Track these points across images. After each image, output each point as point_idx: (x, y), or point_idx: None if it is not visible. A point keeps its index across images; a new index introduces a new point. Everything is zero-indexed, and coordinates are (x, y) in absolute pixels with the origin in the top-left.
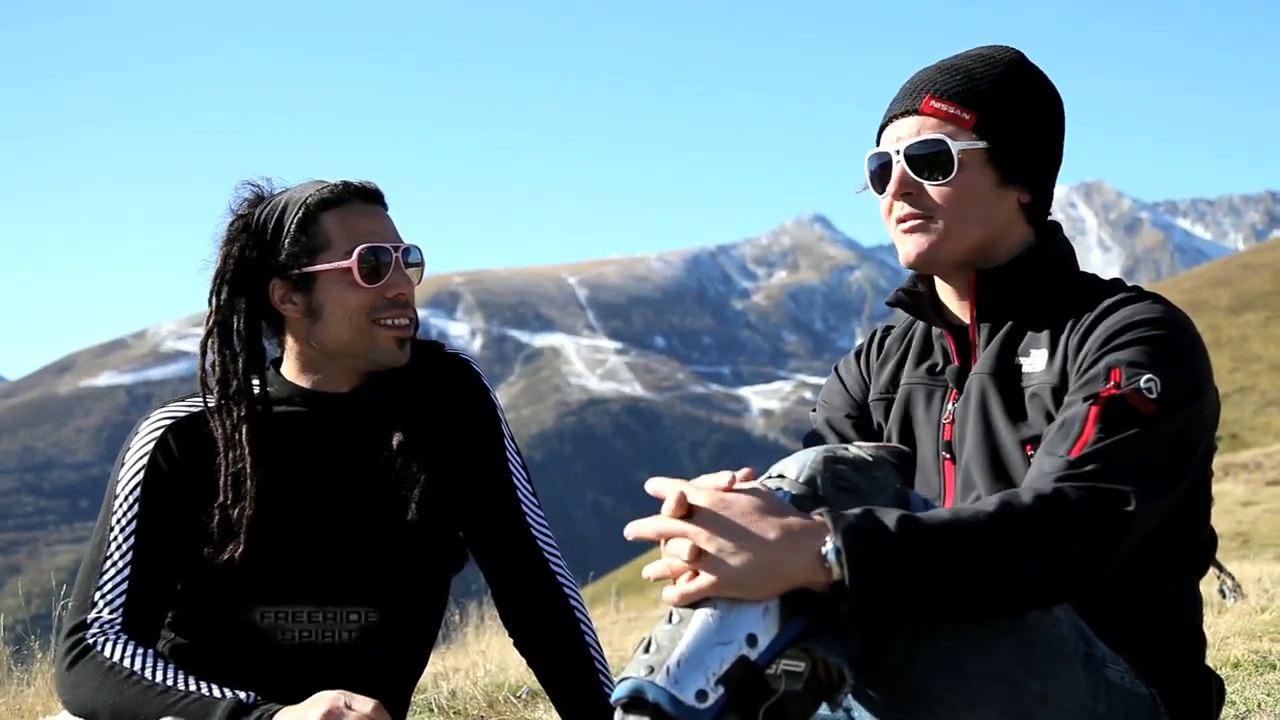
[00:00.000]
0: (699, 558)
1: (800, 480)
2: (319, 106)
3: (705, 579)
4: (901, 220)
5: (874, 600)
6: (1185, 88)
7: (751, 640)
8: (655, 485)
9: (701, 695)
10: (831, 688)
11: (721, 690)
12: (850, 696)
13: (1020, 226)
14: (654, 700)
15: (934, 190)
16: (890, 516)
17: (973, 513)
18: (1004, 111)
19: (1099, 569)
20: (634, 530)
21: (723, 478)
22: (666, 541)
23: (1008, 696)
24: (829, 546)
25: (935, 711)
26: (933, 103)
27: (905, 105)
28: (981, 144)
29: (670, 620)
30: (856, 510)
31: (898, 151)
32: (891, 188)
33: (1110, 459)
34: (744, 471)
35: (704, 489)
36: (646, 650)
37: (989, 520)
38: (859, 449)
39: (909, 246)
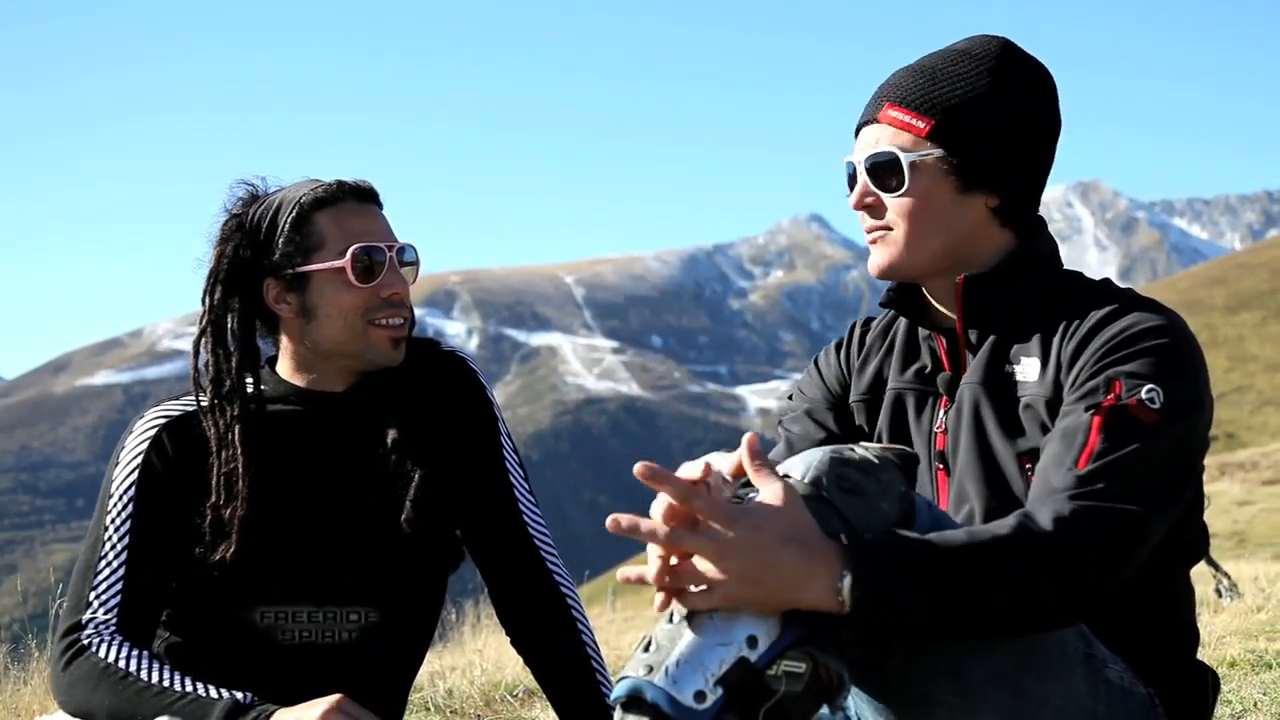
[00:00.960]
0: (702, 574)
1: (806, 481)
2: (316, 105)
3: (709, 596)
4: (868, 231)
5: (886, 628)
6: (1182, 87)
7: (752, 642)
8: (645, 471)
9: (700, 696)
10: (832, 689)
11: (720, 691)
12: (851, 698)
13: (992, 230)
14: (652, 700)
15: (891, 202)
16: (909, 541)
17: (990, 537)
18: (964, 116)
19: (1114, 587)
20: (619, 523)
21: (696, 468)
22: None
23: (1009, 699)
24: (846, 581)
25: (936, 714)
26: (889, 111)
27: (868, 114)
28: (937, 152)
29: (671, 620)
30: (875, 535)
31: (860, 163)
32: (852, 200)
33: (1119, 474)
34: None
35: (705, 499)
36: (646, 649)
37: (1008, 547)
38: (865, 450)
39: (874, 257)
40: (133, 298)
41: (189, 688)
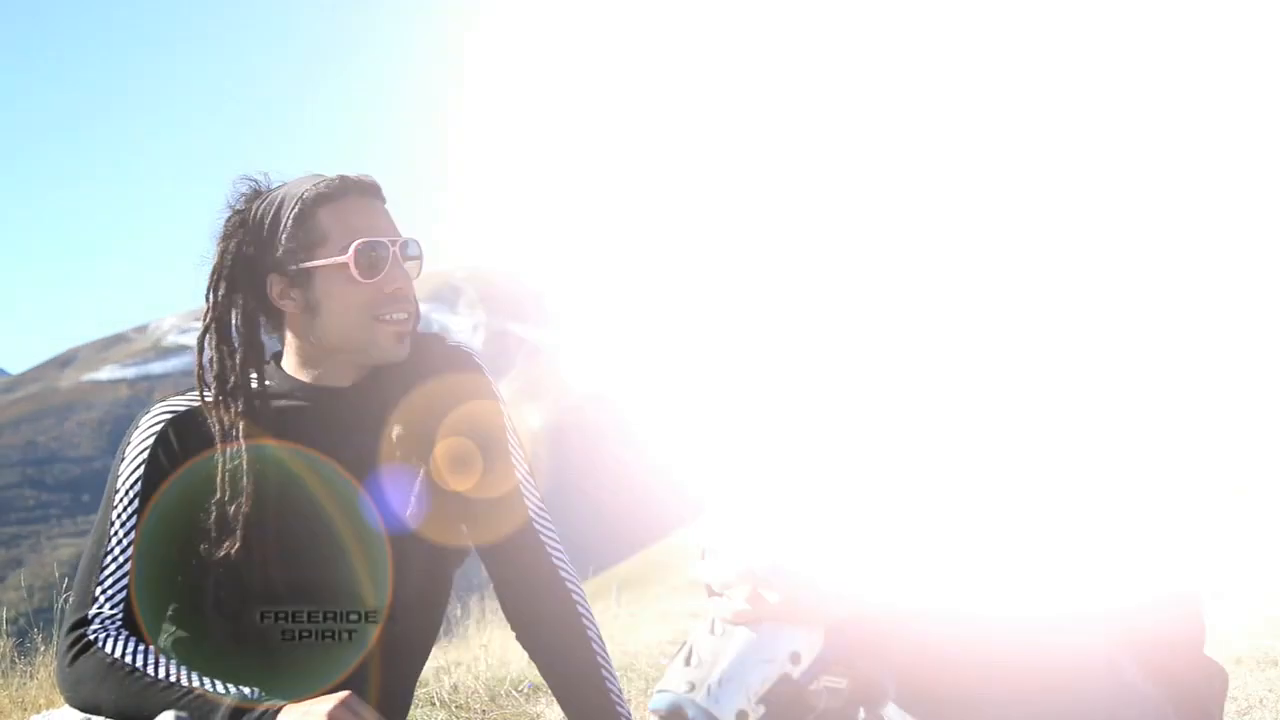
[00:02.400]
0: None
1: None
2: (320, 100)
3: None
4: None
5: None
6: None
7: (795, 658)
8: None
9: (742, 715)
10: (872, 699)
11: (763, 710)
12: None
13: None
14: (693, 719)
15: None
16: None
17: None
18: None
19: None
20: None
21: None
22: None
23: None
24: None
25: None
26: None
27: None
28: None
29: (713, 631)
30: None
31: None
32: None
33: None
34: None
35: None
36: (687, 663)
37: None
38: None
39: None
40: (138, 293)
41: (195, 683)
